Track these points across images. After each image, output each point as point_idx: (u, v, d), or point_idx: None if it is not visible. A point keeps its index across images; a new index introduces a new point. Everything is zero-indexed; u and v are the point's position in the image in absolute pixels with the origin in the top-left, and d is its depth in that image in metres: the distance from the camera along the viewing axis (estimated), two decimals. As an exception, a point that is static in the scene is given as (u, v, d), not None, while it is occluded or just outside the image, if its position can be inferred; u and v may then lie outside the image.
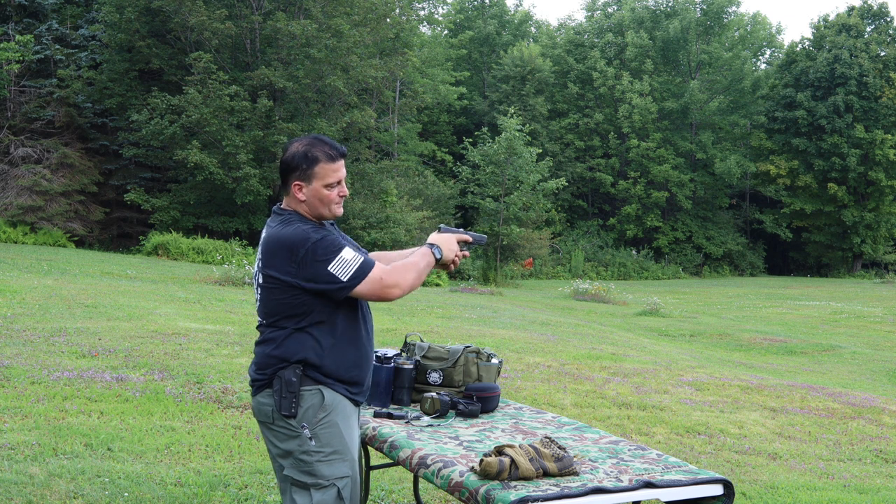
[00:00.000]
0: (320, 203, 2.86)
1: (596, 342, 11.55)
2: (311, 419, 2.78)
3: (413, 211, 28.79)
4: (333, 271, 2.73)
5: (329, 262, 2.73)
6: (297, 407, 2.78)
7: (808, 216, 41.46)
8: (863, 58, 40.44)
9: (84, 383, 6.26)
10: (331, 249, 2.75)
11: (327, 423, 2.79)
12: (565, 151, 41.65)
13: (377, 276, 2.77)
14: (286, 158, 2.88)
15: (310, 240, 2.75)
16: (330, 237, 2.79)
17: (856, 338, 15.90)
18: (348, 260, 2.74)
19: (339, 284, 2.74)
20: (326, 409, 2.80)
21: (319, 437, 2.78)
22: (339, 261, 2.73)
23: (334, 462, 2.79)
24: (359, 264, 2.75)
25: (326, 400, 2.80)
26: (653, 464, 2.93)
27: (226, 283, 15.91)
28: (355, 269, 2.74)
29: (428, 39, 40.39)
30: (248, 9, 26.73)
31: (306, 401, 2.79)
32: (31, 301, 10.31)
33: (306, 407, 2.78)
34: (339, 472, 2.79)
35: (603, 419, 6.54)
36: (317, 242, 2.75)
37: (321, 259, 2.73)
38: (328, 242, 2.76)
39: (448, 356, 3.79)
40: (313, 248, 2.74)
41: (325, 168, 2.84)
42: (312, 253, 2.74)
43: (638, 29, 43.86)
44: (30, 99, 26.56)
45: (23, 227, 24.01)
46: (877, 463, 5.89)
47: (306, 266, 2.74)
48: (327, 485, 2.77)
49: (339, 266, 2.73)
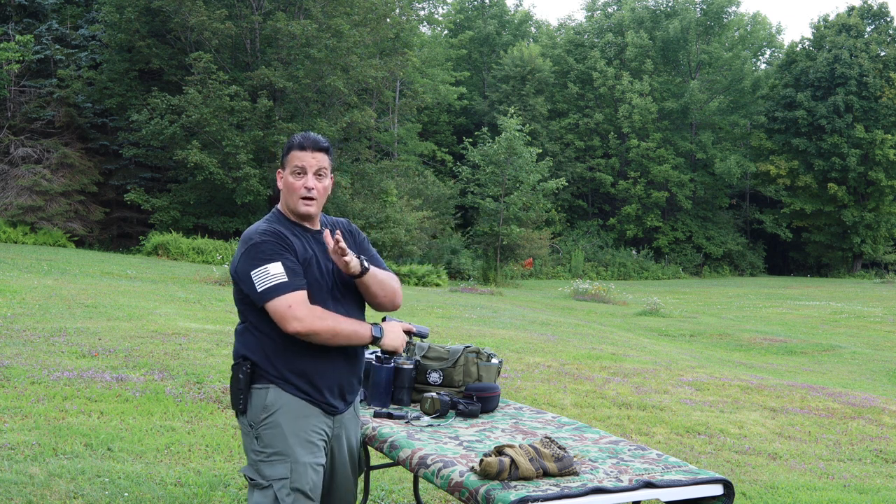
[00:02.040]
0: (287, 192, 2.90)
1: (596, 342, 11.55)
2: (255, 418, 2.79)
3: (413, 211, 28.79)
4: (254, 278, 2.74)
5: (254, 268, 2.74)
6: (247, 404, 2.79)
7: (808, 216, 41.46)
8: (863, 58, 40.44)
9: (84, 383, 6.26)
10: (261, 256, 2.75)
11: (270, 424, 2.78)
12: (565, 151, 41.65)
13: (288, 302, 2.70)
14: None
15: (252, 240, 2.79)
16: (270, 244, 2.75)
17: (856, 338, 15.90)
18: (271, 274, 2.72)
19: (253, 293, 2.74)
20: (269, 409, 2.78)
21: (262, 438, 2.78)
22: (262, 270, 2.73)
23: (274, 463, 2.76)
24: (277, 282, 2.71)
25: (269, 399, 2.79)
26: (653, 464, 2.93)
27: (226, 283, 15.90)
28: (271, 285, 2.71)
29: (428, 39, 40.38)
30: (248, 9, 26.73)
31: (254, 399, 2.80)
32: (31, 301, 10.31)
33: (254, 406, 2.80)
34: (276, 473, 2.75)
35: (603, 419, 6.54)
36: (256, 244, 2.77)
37: (249, 262, 2.76)
38: (264, 248, 2.76)
39: (448, 356, 3.80)
40: (250, 248, 2.78)
41: (294, 154, 2.88)
42: (247, 253, 2.78)
43: (638, 29, 43.86)
44: (30, 99, 26.56)
45: (23, 227, 24.00)
46: (877, 463, 5.89)
47: (239, 264, 2.81)
48: (266, 485, 2.76)
49: (259, 275, 2.73)
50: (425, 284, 24.32)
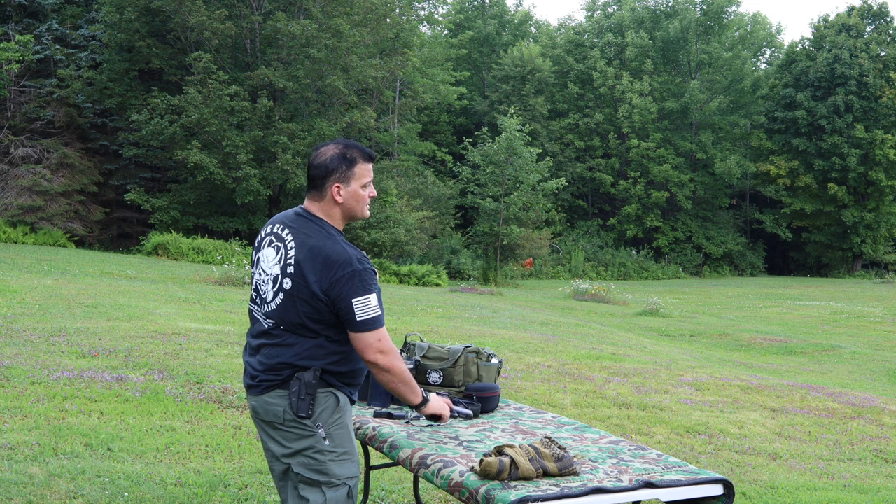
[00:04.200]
0: (356, 203, 2.92)
1: (596, 342, 11.55)
2: (326, 420, 2.84)
3: (413, 211, 28.78)
4: (355, 306, 2.78)
5: (357, 296, 2.78)
6: (314, 408, 2.83)
7: (808, 216, 41.46)
8: (863, 58, 40.44)
9: (84, 383, 6.26)
10: (365, 286, 2.80)
11: (341, 425, 2.87)
12: (565, 151, 41.65)
13: (378, 336, 2.81)
14: (323, 162, 2.89)
15: (353, 266, 2.79)
16: (370, 274, 2.84)
17: (856, 338, 15.90)
18: (372, 305, 2.79)
19: (350, 318, 2.78)
20: (341, 410, 2.88)
21: (333, 438, 2.85)
22: (365, 300, 2.79)
23: (345, 462, 2.86)
24: (374, 315, 2.80)
25: (341, 402, 2.89)
26: (653, 464, 2.93)
27: (226, 283, 15.91)
28: (371, 317, 2.79)
29: (428, 39, 40.38)
30: (248, 9, 26.73)
31: (321, 402, 2.85)
32: (31, 301, 10.31)
33: (321, 408, 2.84)
34: (349, 471, 2.86)
35: (603, 419, 6.54)
36: (360, 272, 2.80)
37: (355, 289, 2.78)
38: (367, 277, 2.81)
39: (448, 356, 3.80)
40: (353, 274, 2.78)
41: (362, 168, 2.92)
42: (350, 279, 2.78)
43: (638, 29, 43.86)
44: (30, 99, 26.55)
45: (23, 227, 23.99)
46: (877, 463, 5.89)
47: (338, 287, 2.78)
48: (339, 484, 2.84)
49: (362, 304, 2.78)
50: (425, 284, 24.32)
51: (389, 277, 24.09)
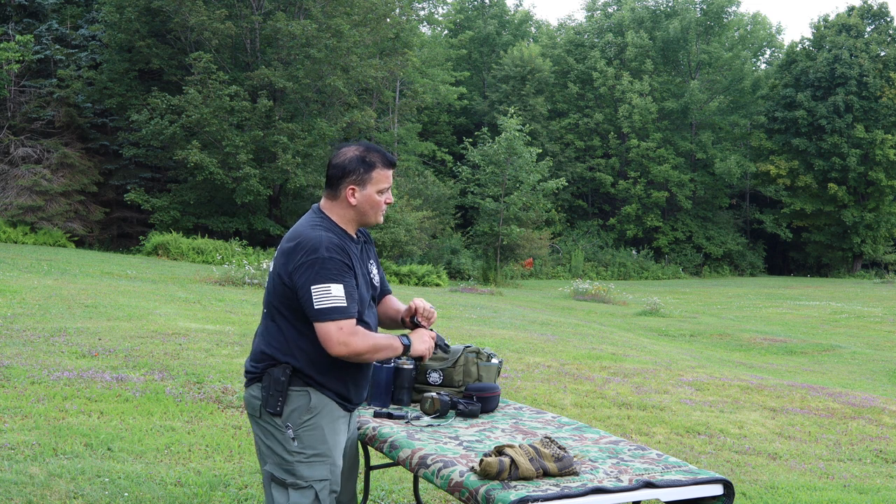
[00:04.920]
0: (370, 208, 2.90)
1: (596, 342, 11.55)
2: (295, 420, 2.80)
3: (413, 211, 28.78)
4: (313, 293, 2.72)
5: (315, 283, 2.72)
6: (283, 406, 2.79)
7: (808, 216, 41.46)
8: (863, 58, 40.44)
9: (84, 383, 6.26)
10: (327, 274, 2.73)
11: (311, 426, 2.80)
12: (565, 151, 41.66)
13: (338, 326, 2.72)
14: (341, 163, 2.89)
15: (318, 253, 2.74)
16: (338, 263, 2.75)
17: (856, 338, 15.90)
18: (332, 295, 2.71)
19: (309, 307, 2.73)
20: (312, 411, 2.81)
21: (302, 439, 2.79)
22: (324, 289, 2.71)
23: (314, 464, 2.80)
24: (335, 304, 2.71)
25: (313, 402, 2.81)
26: (653, 464, 2.93)
27: (226, 283, 15.91)
28: (328, 306, 2.71)
29: (428, 39, 40.37)
30: (248, 9, 26.73)
31: (293, 401, 2.80)
32: (31, 301, 10.31)
33: (293, 407, 2.80)
34: (318, 474, 2.80)
35: (603, 419, 6.54)
36: (323, 259, 2.73)
37: (313, 276, 2.73)
38: (331, 267, 2.74)
39: (448, 356, 3.79)
40: (315, 261, 2.73)
41: (381, 174, 2.89)
42: (311, 265, 2.73)
43: (638, 29, 43.87)
44: (30, 99, 26.55)
45: (23, 227, 23.99)
46: (877, 463, 5.89)
47: (299, 272, 2.75)
48: (305, 486, 2.79)
49: (320, 292, 2.72)
50: (425, 284, 24.32)
51: (390, 277, 24.10)
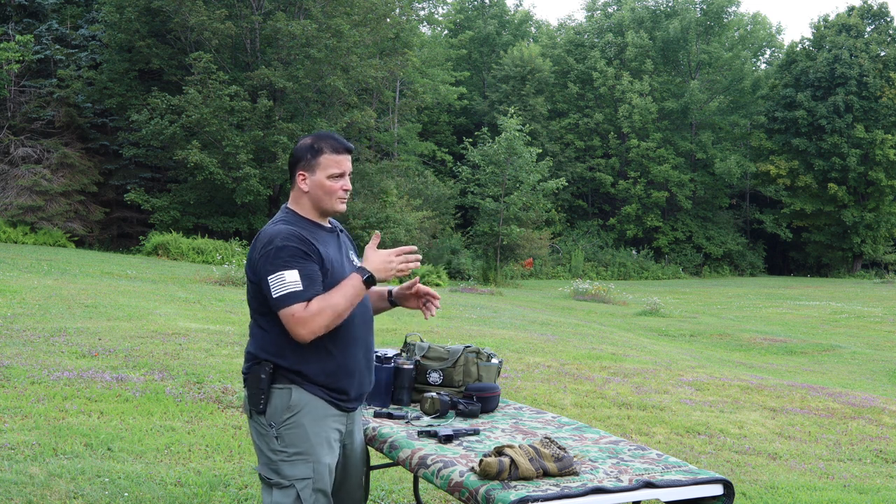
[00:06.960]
0: (323, 194, 2.90)
1: (596, 342, 11.55)
2: (277, 418, 2.80)
3: (413, 211, 28.78)
4: (270, 283, 2.74)
5: (272, 273, 2.74)
6: (266, 404, 2.80)
7: (808, 216, 41.46)
8: (863, 58, 40.44)
9: (84, 383, 6.26)
10: (281, 262, 2.74)
11: (292, 424, 2.80)
12: (565, 151, 41.65)
13: (293, 311, 2.71)
14: (294, 151, 2.95)
15: (273, 244, 2.77)
16: (292, 250, 2.75)
17: (856, 338, 15.90)
18: (287, 282, 2.72)
19: (270, 297, 2.75)
20: (292, 409, 2.80)
21: (284, 437, 2.79)
22: (278, 276, 2.73)
23: (296, 463, 2.79)
24: (290, 290, 2.72)
25: (293, 400, 2.81)
26: (653, 464, 2.93)
27: (226, 283, 15.91)
28: (284, 293, 2.72)
29: (428, 39, 40.37)
30: (248, 9, 26.72)
31: (274, 399, 2.81)
32: (31, 301, 10.31)
33: (275, 405, 2.81)
34: (299, 473, 2.78)
35: (603, 419, 6.54)
36: (277, 248, 2.76)
37: (269, 266, 2.75)
38: (285, 254, 2.75)
39: (448, 356, 3.79)
40: (269, 251, 2.77)
41: (328, 158, 2.90)
42: (267, 256, 2.77)
43: (638, 29, 43.86)
44: (30, 99, 26.54)
45: (23, 227, 23.99)
46: (877, 463, 5.89)
47: (259, 265, 2.79)
48: (287, 485, 2.78)
49: (276, 281, 2.73)
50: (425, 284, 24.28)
51: (390, 277, 24.06)
